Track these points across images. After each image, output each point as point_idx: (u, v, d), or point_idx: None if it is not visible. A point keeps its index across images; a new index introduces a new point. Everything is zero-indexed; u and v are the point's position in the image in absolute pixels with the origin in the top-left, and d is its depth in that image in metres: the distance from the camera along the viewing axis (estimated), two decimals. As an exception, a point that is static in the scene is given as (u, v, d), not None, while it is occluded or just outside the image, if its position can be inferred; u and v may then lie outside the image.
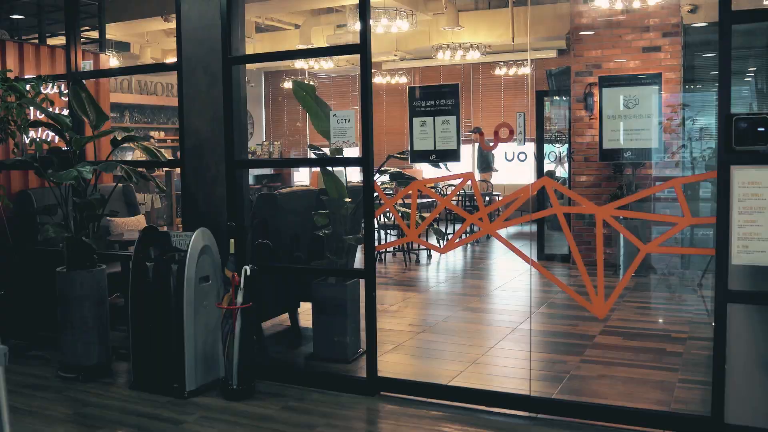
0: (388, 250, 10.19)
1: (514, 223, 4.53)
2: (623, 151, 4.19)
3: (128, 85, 13.44)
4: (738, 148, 3.69)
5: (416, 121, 4.53)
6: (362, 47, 4.52)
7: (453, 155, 4.47)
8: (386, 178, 5.41)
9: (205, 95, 5.11)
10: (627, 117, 4.12)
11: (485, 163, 11.29)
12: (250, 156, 12.78)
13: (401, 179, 5.28)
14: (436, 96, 4.48)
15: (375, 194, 4.64)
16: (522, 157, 4.30)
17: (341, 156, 4.97)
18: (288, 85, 14.17)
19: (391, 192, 6.24)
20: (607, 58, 8.74)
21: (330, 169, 5.36)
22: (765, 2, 6.32)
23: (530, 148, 9.24)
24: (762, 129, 3.65)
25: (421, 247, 9.99)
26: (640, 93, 4.02)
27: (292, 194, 6.06)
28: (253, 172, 12.88)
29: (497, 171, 11.51)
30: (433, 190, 4.96)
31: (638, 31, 8.57)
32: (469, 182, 4.68)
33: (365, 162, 4.57)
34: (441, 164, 5.33)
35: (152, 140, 12.47)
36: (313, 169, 12.60)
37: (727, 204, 3.75)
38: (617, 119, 4.19)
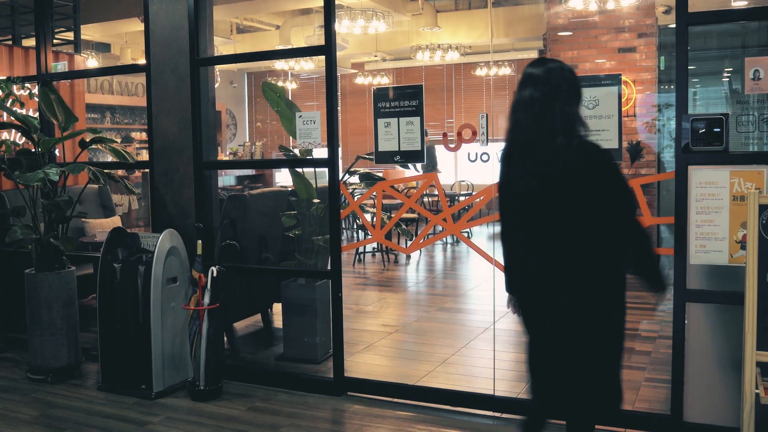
0: (366, 250, 10.21)
1: (478, 223, 4.56)
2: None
3: (109, 86, 13.40)
4: (695, 148, 3.72)
5: (381, 122, 4.55)
6: (327, 48, 4.53)
7: (417, 156, 4.49)
8: (356, 178, 5.43)
9: (174, 96, 5.11)
10: (588, 118, 4.14)
11: (429, 164, 11.38)
12: (231, 157, 12.80)
13: (370, 180, 5.29)
14: (400, 97, 4.50)
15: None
16: (485, 158, 4.32)
17: (307, 157, 4.98)
18: (279, 85, 14.16)
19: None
20: (583, 59, 8.78)
21: (299, 170, 5.38)
22: (733, 3, 6.38)
23: (494, 148, 9.22)
24: (718, 129, 3.69)
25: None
26: (600, 93, 4.04)
27: (262, 195, 6.07)
28: (235, 173, 12.87)
29: (440, 172, 11.61)
30: (397, 191, 4.96)
31: (614, 32, 8.62)
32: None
33: (331, 163, 4.59)
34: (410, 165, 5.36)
35: (134, 141, 12.44)
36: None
37: (685, 204, 3.78)
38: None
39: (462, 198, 12.47)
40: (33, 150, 5.22)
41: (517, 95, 2.99)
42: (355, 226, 11.24)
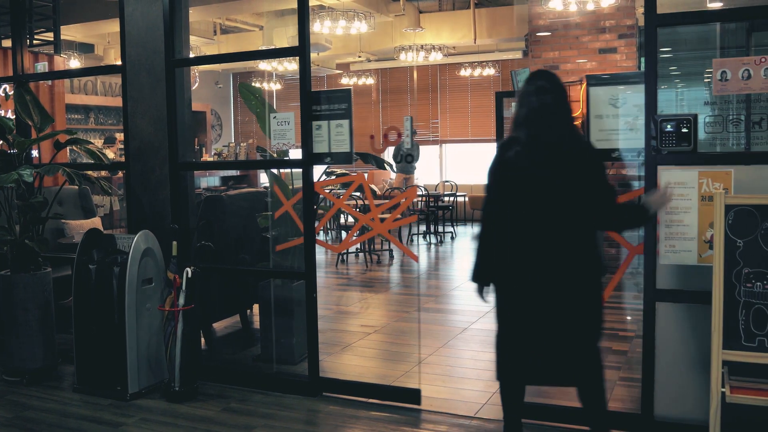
0: (349, 250, 10.21)
1: (402, 223, 4.64)
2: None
3: (92, 87, 13.36)
4: (663, 148, 3.75)
5: (314, 124, 4.61)
6: (300, 50, 4.53)
7: (346, 158, 4.56)
8: (331, 178, 5.44)
9: (150, 97, 5.11)
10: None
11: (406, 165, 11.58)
12: (216, 158, 12.78)
13: (345, 181, 5.31)
14: (330, 100, 4.57)
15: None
16: (408, 159, 4.46)
17: (282, 158, 4.99)
18: (256, 86, 14.14)
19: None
20: (564, 59, 8.82)
21: (276, 171, 5.38)
22: (709, 5, 6.41)
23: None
24: (686, 130, 3.71)
25: (384, 247, 10.05)
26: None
27: (239, 196, 6.07)
28: (219, 173, 12.86)
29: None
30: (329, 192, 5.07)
31: (594, 33, 8.66)
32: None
33: (305, 164, 4.59)
34: (386, 166, 5.38)
35: (117, 142, 12.40)
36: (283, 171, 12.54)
37: (654, 204, 3.80)
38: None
39: (446, 198, 12.51)
40: (8, 151, 5.21)
41: (527, 99, 3.35)
42: (336, 226, 11.27)
